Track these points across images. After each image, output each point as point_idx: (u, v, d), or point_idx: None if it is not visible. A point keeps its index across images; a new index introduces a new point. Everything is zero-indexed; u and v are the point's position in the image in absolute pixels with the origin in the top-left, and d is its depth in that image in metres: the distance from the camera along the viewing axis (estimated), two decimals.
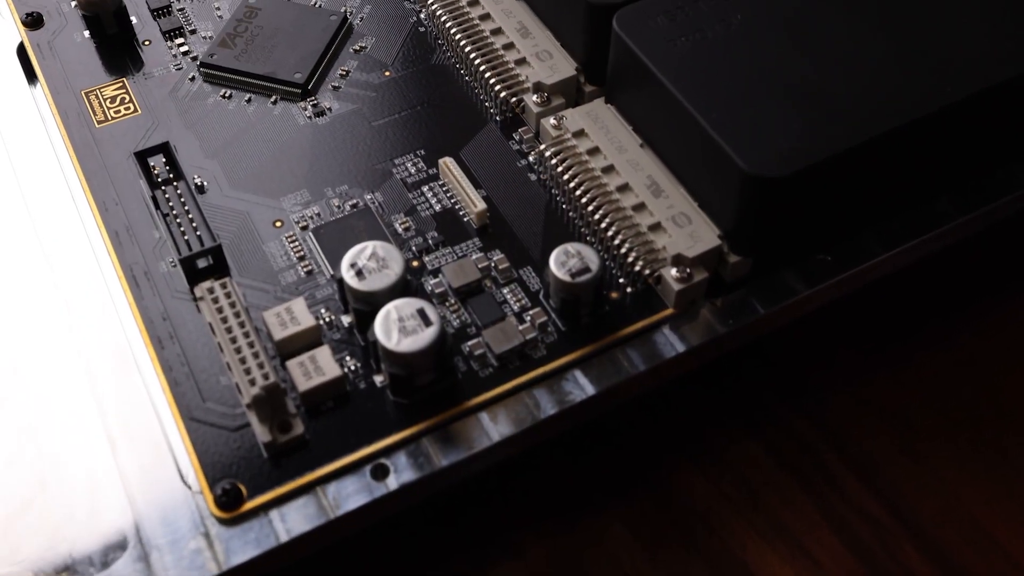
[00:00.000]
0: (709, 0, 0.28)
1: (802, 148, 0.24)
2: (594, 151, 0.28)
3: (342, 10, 0.33)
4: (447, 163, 0.29)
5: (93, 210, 0.28)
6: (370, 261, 0.25)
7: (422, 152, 0.29)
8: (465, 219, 0.28)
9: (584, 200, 0.27)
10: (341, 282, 0.25)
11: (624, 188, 0.27)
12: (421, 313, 0.24)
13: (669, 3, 0.27)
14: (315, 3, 0.33)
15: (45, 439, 0.25)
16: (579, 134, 0.28)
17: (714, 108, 0.25)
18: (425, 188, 0.29)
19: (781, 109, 0.25)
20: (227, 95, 0.31)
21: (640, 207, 0.27)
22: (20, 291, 0.28)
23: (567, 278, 0.25)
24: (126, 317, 0.26)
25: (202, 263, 0.26)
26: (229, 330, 0.24)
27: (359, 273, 0.25)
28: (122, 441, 0.25)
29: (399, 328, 0.24)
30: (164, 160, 0.28)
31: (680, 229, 0.26)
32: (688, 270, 0.26)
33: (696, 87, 0.26)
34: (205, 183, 0.29)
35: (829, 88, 0.25)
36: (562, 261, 0.25)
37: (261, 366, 0.24)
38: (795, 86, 0.26)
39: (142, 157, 0.28)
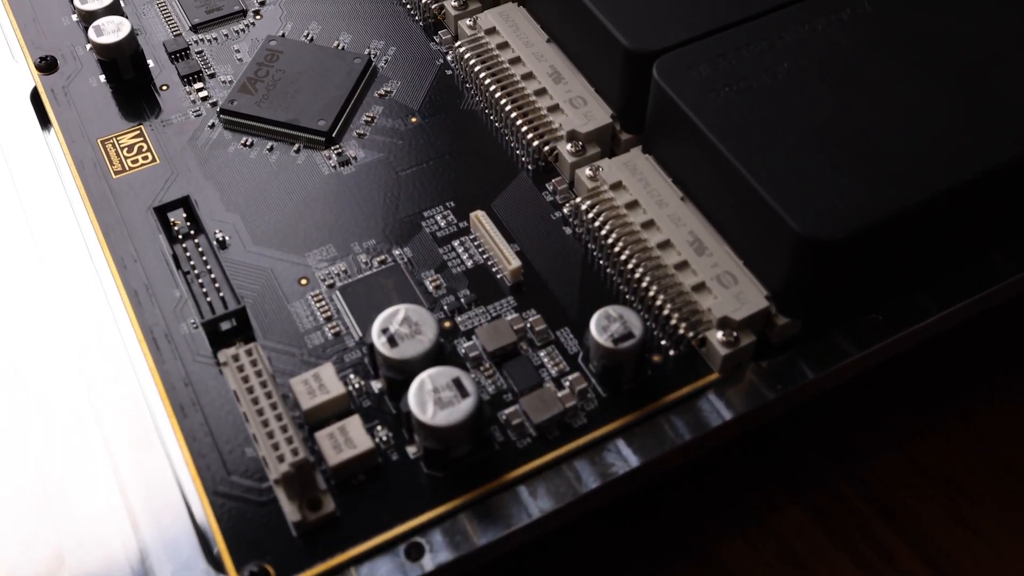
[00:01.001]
0: (753, 48, 0.26)
1: (858, 208, 0.23)
2: (633, 205, 0.27)
3: (366, 52, 0.32)
4: (479, 217, 0.27)
5: (111, 267, 0.27)
6: (402, 326, 0.24)
7: (452, 204, 0.28)
8: (499, 276, 0.27)
9: (623, 257, 0.26)
10: (371, 348, 0.24)
11: (665, 245, 0.26)
12: (457, 383, 0.23)
13: (711, 51, 0.26)
14: (338, 45, 0.32)
15: (62, 512, 0.24)
16: (616, 186, 0.27)
17: (763, 165, 0.24)
18: (456, 243, 0.28)
19: (833, 165, 0.24)
20: (248, 143, 0.30)
21: (683, 265, 0.25)
22: (36, 352, 0.26)
23: (609, 344, 0.24)
24: (146, 382, 0.25)
25: (225, 326, 0.25)
26: (255, 401, 0.23)
27: (391, 339, 0.24)
28: (143, 515, 0.24)
29: (434, 400, 0.23)
30: (184, 214, 0.27)
31: (726, 290, 0.25)
32: (735, 334, 0.25)
33: (743, 141, 0.24)
34: (227, 238, 0.28)
35: (883, 142, 0.24)
36: (603, 326, 0.24)
37: (290, 440, 0.22)
38: (847, 140, 0.24)
39: (161, 212, 0.27)
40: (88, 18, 0.31)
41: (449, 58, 0.32)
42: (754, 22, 0.27)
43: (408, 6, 0.33)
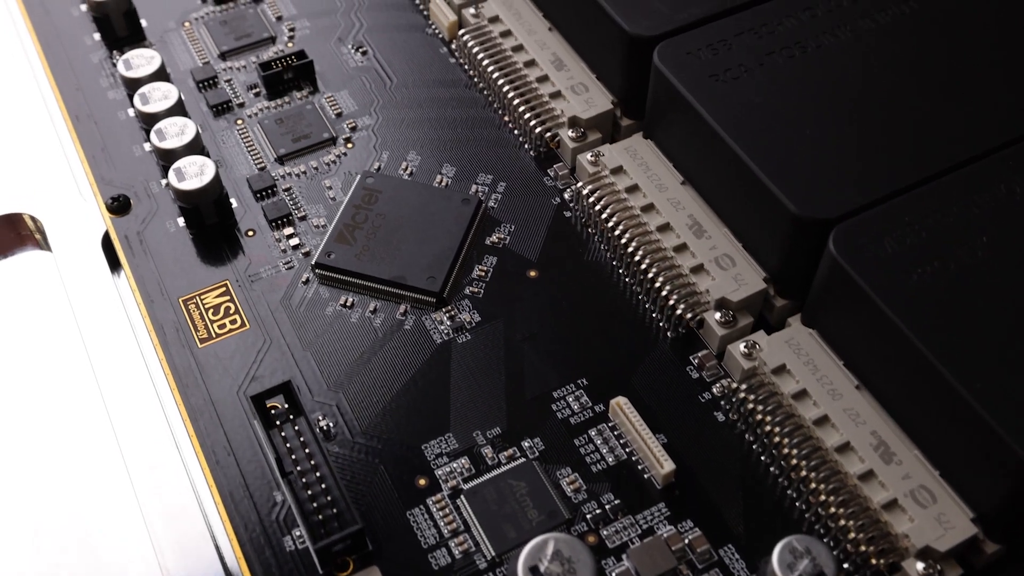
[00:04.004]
0: (942, 217, 0.23)
1: None
2: (801, 395, 0.23)
3: (474, 191, 0.28)
4: (620, 405, 0.24)
5: (201, 462, 0.24)
6: (553, 564, 0.20)
7: (584, 382, 0.25)
8: (646, 475, 0.23)
9: (794, 460, 0.22)
10: None
11: (845, 448, 0.22)
12: None
13: (895, 220, 0.23)
14: (441, 180, 0.29)
15: None
16: (779, 370, 0.24)
17: (977, 375, 0.20)
18: (593, 431, 0.24)
19: None
20: (348, 303, 0.26)
21: (868, 475, 0.22)
22: (116, 562, 0.23)
23: None
24: None
25: (339, 547, 0.22)
26: None
27: None
28: None
29: None
30: (284, 399, 0.24)
31: (923, 510, 0.21)
32: (938, 566, 0.21)
33: (949, 346, 0.21)
34: (330, 425, 0.24)
35: None
36: (788, 563, 0.20)
37: None
38: None
39: (259, 400, 0.24)
40: (167, 157, 0.28)
41: (567, 196, 0.28)
42: (938, 182, 0.23)
43: (516, 132, 0.30)
